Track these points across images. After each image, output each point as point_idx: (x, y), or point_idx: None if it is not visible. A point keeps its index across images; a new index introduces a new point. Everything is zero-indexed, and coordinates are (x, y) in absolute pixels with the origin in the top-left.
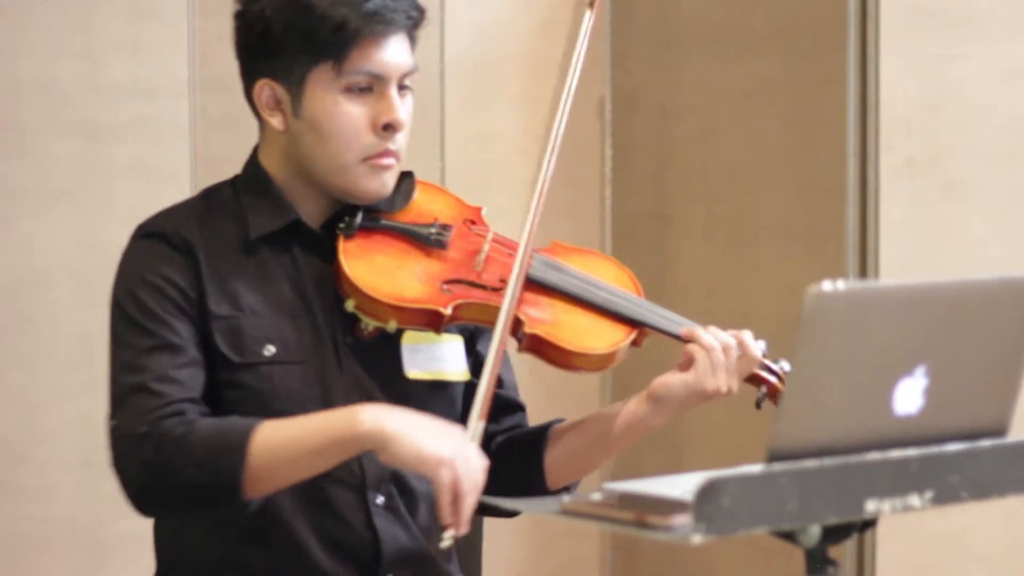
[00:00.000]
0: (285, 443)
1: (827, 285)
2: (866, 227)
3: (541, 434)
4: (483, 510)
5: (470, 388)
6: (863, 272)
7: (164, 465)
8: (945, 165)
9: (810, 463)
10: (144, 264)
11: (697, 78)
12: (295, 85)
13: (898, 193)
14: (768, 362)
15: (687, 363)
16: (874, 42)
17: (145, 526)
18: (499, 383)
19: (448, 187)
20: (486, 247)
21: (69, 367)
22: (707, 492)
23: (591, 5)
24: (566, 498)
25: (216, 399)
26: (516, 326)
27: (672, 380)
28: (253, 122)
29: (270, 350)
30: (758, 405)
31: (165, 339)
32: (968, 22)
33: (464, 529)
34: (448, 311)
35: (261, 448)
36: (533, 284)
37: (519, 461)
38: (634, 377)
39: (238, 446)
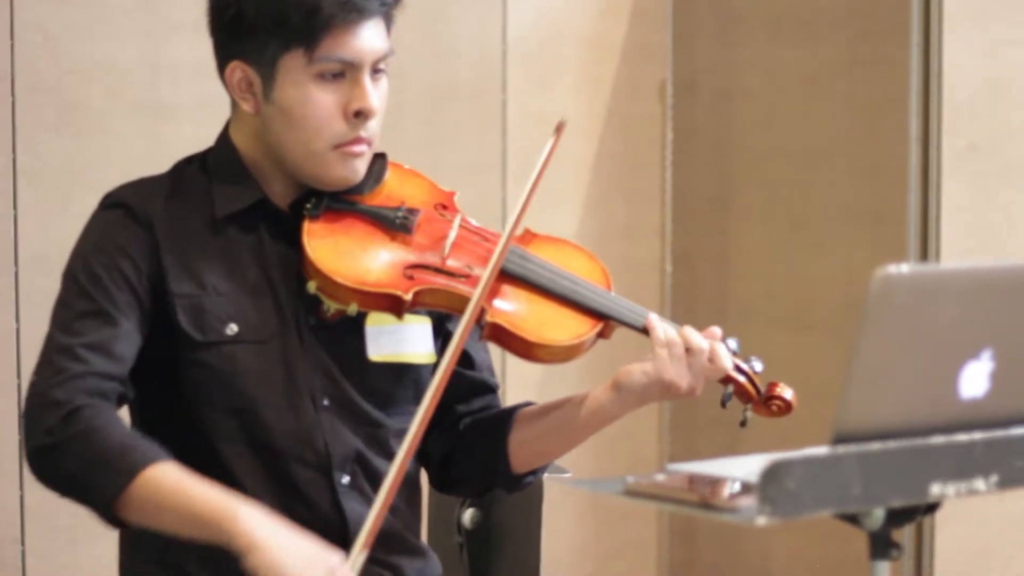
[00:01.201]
0: (167, 495)
1: (893, 268)
2: (927, 211)
3: (507, 417)
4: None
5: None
6: (924, 256)
7: (60, 444)
8: (1008, 149)
9: (875, 446)
10: (102, 232)
11: (758, 61)
12: (266, 69)
13: (960, 177)
14: (738, 361)
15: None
16: (937, 25)
17: None
18: (471, 364)
19: (508, 168)
20: (453, 233)
21: None
22: (772, 474)
23: (558, 130)
24: (631, 478)
25: (179, 378)
26: (478, 314)
27: (634, 369)
28: None
29: (232, 329)
30: (723, 404)
31: (103, 307)
32: None
33: None
34: (408, 296)
35: (146, 485)
36: (499, 273)
37: (484, 443)
38: None
39: (128, 471)
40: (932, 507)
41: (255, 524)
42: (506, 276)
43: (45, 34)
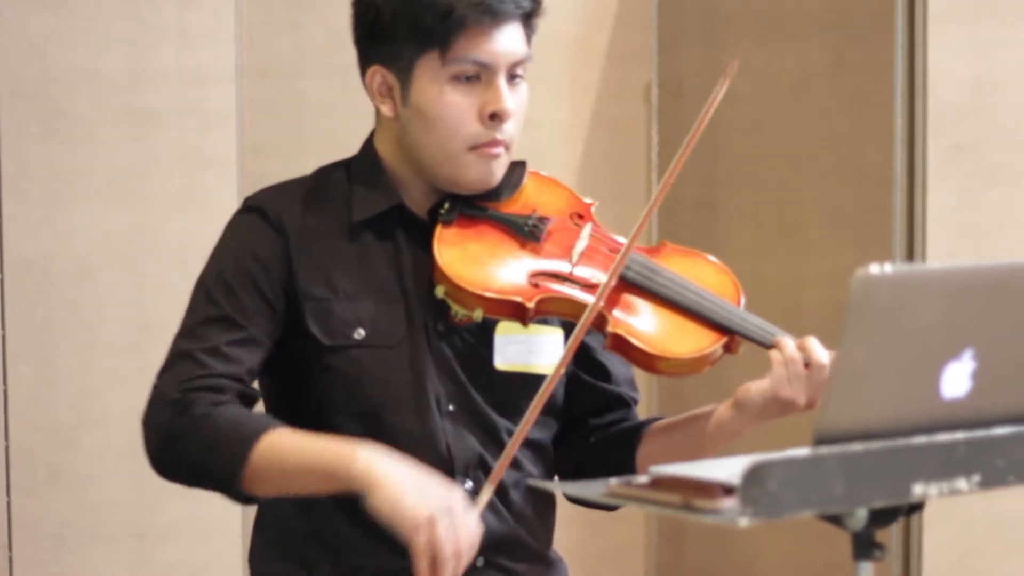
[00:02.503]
0: (286, 456)
1: (874, 268)
2: (913, 213)
3: (637, 432)
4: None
5: (574, 382)
6: (910, 258)
7: (177, 435)
8: (993, 151)
9: (857, 447)
10: (237, 237)
11: (744, 64)
12: (404, 72)
13: (946, 179)
14: None
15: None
16: (922, 27)
17: (193, 512)
18: (607, 377)
19: None
20: (582, 243)
21: (118, 354)
22: (754, 475)
23: (727, 75)
24: (613, 481)
25: (310, 382)
26: (600, 324)
27: (752, 387)
28: (299, 109)
29: (360, 333)
30: None
31: (227, 313)
32: (1017, 7)
33: None
34: (531, 305)
35: (264, 453)
36: (624, 284)
37: (613, 457)
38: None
39: (244, 443)
40: (915, 507)
41: (372, 463)
42: (630, 287)
43: (29, 41)
